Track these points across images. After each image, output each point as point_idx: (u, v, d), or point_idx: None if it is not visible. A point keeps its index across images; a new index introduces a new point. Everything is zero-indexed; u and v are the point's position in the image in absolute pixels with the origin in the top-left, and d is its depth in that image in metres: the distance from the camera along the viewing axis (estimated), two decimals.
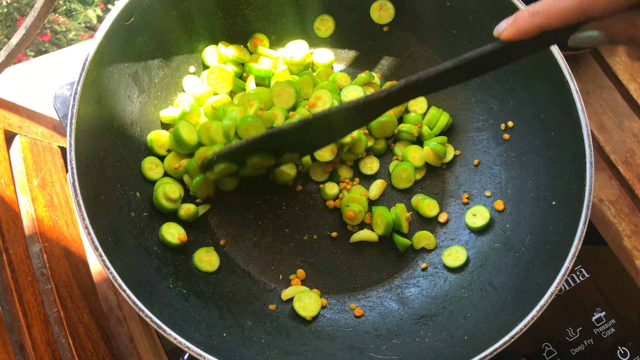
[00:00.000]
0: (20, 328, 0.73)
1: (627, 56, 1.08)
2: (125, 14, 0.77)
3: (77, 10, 2.70)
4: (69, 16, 2.69)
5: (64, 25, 2.65)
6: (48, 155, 0.92)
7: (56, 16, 2.68)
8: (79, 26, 2.68)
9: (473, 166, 0.90)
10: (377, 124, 0.88)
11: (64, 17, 2.67)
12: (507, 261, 0.79)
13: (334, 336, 0.78)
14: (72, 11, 2.70)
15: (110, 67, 0.77)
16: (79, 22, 2.68)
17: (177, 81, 0.89)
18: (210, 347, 0.65)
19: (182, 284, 0.76)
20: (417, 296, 0.82)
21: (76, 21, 2.69)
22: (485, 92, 0.89)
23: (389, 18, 0.93)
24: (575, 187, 0.74)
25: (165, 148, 0.85)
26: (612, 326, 0.87)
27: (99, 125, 0.76)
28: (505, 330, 0.67)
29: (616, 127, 1.04)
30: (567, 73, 0.76)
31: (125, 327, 0.91)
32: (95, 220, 0.67)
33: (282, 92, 0.86)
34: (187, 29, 0.87)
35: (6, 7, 2.66)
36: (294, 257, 0.86)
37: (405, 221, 0.86)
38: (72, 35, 2.65)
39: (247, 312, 0.79)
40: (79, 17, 2.69)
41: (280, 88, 0.86)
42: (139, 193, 0.81)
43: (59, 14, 2.69)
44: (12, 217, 0.81)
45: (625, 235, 0.98)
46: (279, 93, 0.86)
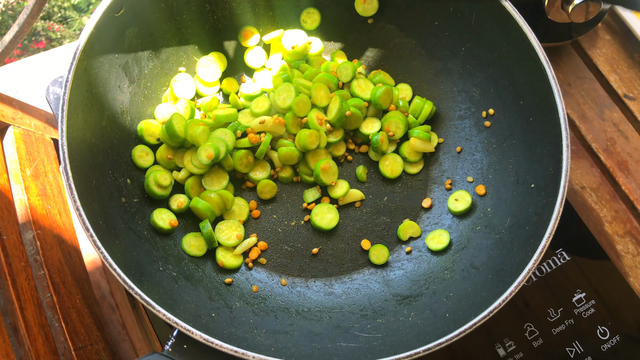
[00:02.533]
0: (14, 311, 0.75)
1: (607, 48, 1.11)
2: (115, 5, 0.79)
3: (72, 18, 2.73)
4: (64, 23, 2.71)
5: (59, 33, 2.68)
6: (41, 146, 0.94)
7: (51, 23, 2.70)
8: (74, 33, 2.70)
9: (456, 153, 0.92)
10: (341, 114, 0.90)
11: (59, 25, 2.69)
12: (487, 242, 0.81)
13: (320, 317, 0.80)
14: (67, 18, 2.72)
15: (100, 57, 0.79)
16: (74, 30, 2.71)
17: (166, 72, 0.91)
18: (199, 325, 0.67)
19: (172, 267, 0.78)
20: (401, 278, 0.85)
21: (71, 28, 2.71)
22: (467, 81, 0.92)
23: (373, 11, 0.95)
24: (553, 169, 0.76)
25: (155, 137, 0.88)
26: (592, 306, 0.89)
27: (90, 113, 0.78)
28: (484, 306, 0.69)
29: (597, 116, 1.07)
30: (545, 61, 0.79)
31: (118, 314, 0.93)
32: (86, 204, 0.69)
33: (300, 103, 0.89)
34: (176, 22, 0.90)
35: (0, 14, 2.68)
36: (281, 243, 0.88)
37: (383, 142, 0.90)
38: (67, 42, 2.67)
39: (235, 295, 0.81)
40: (74, 25, 2.72)
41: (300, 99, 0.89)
42: (130, 180, 0.83)
43: (54, 21, 2.72)
44: (6, 204, 0.83)
45: (606, 221, 1.00)
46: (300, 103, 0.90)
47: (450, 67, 0.93)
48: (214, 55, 0.94)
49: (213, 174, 0.87)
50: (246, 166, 0.89)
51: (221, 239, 0.84)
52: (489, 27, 0.86)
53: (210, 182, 0.87)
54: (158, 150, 0.87)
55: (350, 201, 0.91)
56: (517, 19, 0.81)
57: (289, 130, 0.90)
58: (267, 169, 0.91)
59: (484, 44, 0.88)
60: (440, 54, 0.94)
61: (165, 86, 0.91)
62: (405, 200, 0.91)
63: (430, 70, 0.95)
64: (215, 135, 0.86)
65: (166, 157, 0.87)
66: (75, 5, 2.75)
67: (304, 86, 0.90)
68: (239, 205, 0.88)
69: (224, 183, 0.87)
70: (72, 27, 2.71)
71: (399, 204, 0.91)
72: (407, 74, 0.97)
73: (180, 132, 0.84)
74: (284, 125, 0.90)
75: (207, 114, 0.91)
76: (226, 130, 0.87)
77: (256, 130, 0.89)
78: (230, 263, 0.84)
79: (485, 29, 0.87)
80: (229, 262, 0.84)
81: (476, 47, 0.89)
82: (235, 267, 0.84)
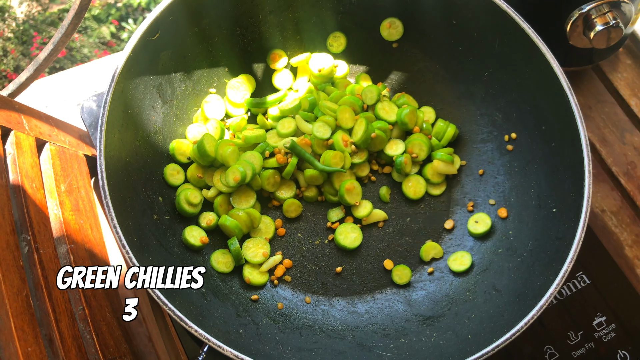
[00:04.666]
0: (50, 323, 0.77)
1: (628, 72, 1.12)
2: (152, 30, 0.82)
3: (91, 28, 2.80)
4: (84, 33, 2.78)
5: (79, 42, 2.75)
6: (74, 162, 0.98)
7: None
8: (93, 42, 2.77)
9: (478, 175, 0.94)
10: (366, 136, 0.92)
11: (78, 34, 2.76)
12: (509, 265, 0.83)
13: (344, 335, 0.82)
14: (87, 28, 2.79)
15: (136, 79, 0.83)
16: (93, 39, 2.77)
17: (197, 93, 0.94)
18: (228, 341, 0.69)
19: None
20: (423, 299, 0.86)
21: (90, 38, 2.78)
22: (490, 105, 0.94)
23: (398, 35, 0.98)
24: (575, 194, 0.78)
25: (185, 156, 0.91)
26: (613, 330, 0.90)
27: (126, 133, 0.81)
28: (507, 329, 0.71)
29: (617, 140, 1.08)
30: (567, 87, 0.80)
31: (145, 327, 0.95)
32: (122, 221, 0.72)
33: (321, 127, 0.92)
34: (208, 45, 0.93)
35: (22, 23, 2.75)
36: (306, 261, 0.90)
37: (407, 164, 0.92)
38: (86, 51, 2.74)
39: (261, 311, 0.83)
40: (93, 34, 2.78)
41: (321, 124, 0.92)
42: (161, 197, 0.86)
43: None
44: (42, 219, 0.86)
45: (626, 244, 1.01)
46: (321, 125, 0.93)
47: (473, 91, 0.95)
48: (243, 77, 0.97)
49: (241, 192, 0.90)
50: (273, 185, 0.92)
51: (248, 256, 0.87)
52: (512, 53, 0.88)
53: (238, 200, 0.90)
54: (189, 168, 0.90)
55: (373, 221, 0.93)
56: (539, 45, 0.83)
57: (315, 151, 0.92)
58: (293, 188, 0.93)
59: (507, 69, 0.90)
60: (463, 78, 0.96)
61: (196, 107, 0.94)
62: (428, 222, 0.93)
63: (453, 94, 0.97)
64: (245, 157, 0.89)
65: (197, 175, 0.89)
66: (95, 15, 2.82)
67: (329, 108, 0.93)
68: (266, 223, 0.91)
69: (252, 202, 0.90)
70: (91, 36, 2.77)
71: (422, 225, 0.93)
72: (430, 97, 0.99)
73: (211, 152, 0.87)
74: (310, 146, 0.92)
75: (236, 134, 0.94)
76: (254, 153, 0.90)
77: (283, 152, 0.92)
78: (257, 280, 0.86)
79: (508, 55, 0.88)
80: (256, 279, 0.86)
81: (499, 72, 0.91)
82: (261, 284, 0.86)
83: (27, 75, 1.00)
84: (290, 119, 0.95)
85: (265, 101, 0.96)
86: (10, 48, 2.70)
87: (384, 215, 0.93)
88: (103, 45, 2.79)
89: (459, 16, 0.90)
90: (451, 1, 0.89)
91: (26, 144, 0.87)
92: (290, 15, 0.96)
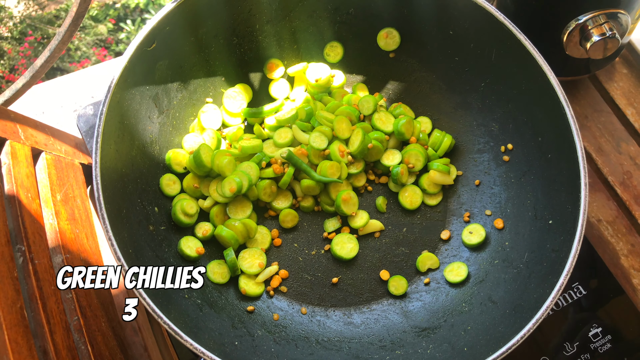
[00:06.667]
0: (44, 334, 0.77)
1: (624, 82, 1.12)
2: (148, 40, 0.82)
3: (89, 26, 2.80)
4: (81, 32, 2.78)
5: (76, 40, 2.75)
6: (70, 171, 0.97)
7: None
8: (90, 41, 2.77)
9: (474, 186, 0.94)
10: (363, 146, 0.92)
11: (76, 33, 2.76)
12: (505, 277, 0.83)
13: (339, 347, 0.82)
14: (84, 27, 2.79)
15: (133, 89, 0.82)
16: (90, 37, 2.78)
17: (194, 103, 0.94)
18: (224, 354, 0.69)
19: (197, 294, 0.80)
20: (420, 310, 0.86)
21: (88, 36, 2.78)
22: (486, 116, 0.94)
23: (394, 45, 0.98)
24: (571, 206, 0.78)
25: (182, 166, 0.90)
26: (609, 342, 0.90)
27: (122, 143, 0.81)
28: (503, 342, 0.71)
29: (614, 149, 1.09)
30: (563, 99, 0.80)
31: (140, 336, 0.95)
32: (117, 233, 0.72)
33: (318, 138, 0.92)
34: (205, 54, 0.93)
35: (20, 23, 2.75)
36: (302, 271, 0.90)
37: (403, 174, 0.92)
38: (83, 49, 2.74)
39: (257, 323, 0.82)
40: (90, 32, 2.78)
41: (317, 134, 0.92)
42: (157, 208, 0.86)
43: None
44: (38, 229, 0.85)
45: (622, 254, 1.01)
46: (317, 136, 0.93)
47: (470, 102, 0.95)
48: (240, 87, 0.97)
49: (237, 202, 0.90)
50: (269, 195, 0.91)
51: (244, 266, 0.87)
52: (508, 64, 0.88)
53: (234, 210, 0.89)
54: (185, 179, 0.90)
55: (370, 231, 0.93)
56: (536, 57, 0.83)
57: (312, 161, 0.92)
58: (289, 198, 0.93)
59: (504, 80, 0.90)
60: (460, 89, 0.96)
61: (192, 116, 0.94)
62: (424, 232, 0.93)
63: (450, 104, 0.98)
64: (241, 168, 0.89)
65: (193, 185, 0.89)
66: (92, 16, 2.82)
67: (326, 119, 0.93)
68: (262, 233, 0.91)
69: (248, 212, 0.90)
70: (89, 34, 2.78)
71: (418, 235, 0.93)
72: (427, 107, 1.00)
73: (208, 162, 0.87)
74: (306, 156, 0.92)
75: (233, 144, 0.94)
76: (251, 164, 0.89)
77: (280, 162, 0.92)
78: (253, 291, 0.86)
79: (505, 66, 0.89)
80: (251, 289, 0.86)
81: (496, 83, 0.91)
82: (257, 295, 0.86)
83: (23, 81, 0.99)
84: (287, 129, 0.95)
85: (262, 111, 0.96)
86: (8, 48, 2.69)
87: (380, 225, 0.93)
88: (101, 41, 2.79)
89: (456, 27, 0.91)
90: (448, 12, 0.90)
91: (22, 153, 0.86)
92: (287, 25, 0.96)
